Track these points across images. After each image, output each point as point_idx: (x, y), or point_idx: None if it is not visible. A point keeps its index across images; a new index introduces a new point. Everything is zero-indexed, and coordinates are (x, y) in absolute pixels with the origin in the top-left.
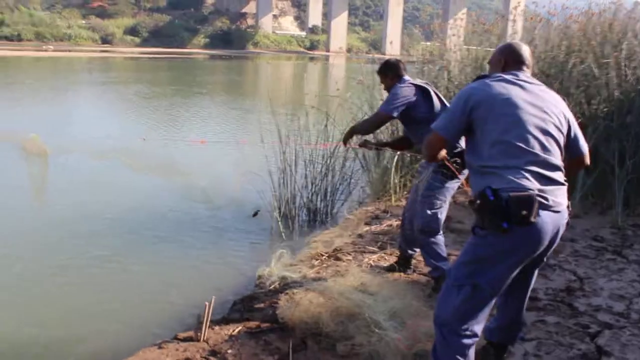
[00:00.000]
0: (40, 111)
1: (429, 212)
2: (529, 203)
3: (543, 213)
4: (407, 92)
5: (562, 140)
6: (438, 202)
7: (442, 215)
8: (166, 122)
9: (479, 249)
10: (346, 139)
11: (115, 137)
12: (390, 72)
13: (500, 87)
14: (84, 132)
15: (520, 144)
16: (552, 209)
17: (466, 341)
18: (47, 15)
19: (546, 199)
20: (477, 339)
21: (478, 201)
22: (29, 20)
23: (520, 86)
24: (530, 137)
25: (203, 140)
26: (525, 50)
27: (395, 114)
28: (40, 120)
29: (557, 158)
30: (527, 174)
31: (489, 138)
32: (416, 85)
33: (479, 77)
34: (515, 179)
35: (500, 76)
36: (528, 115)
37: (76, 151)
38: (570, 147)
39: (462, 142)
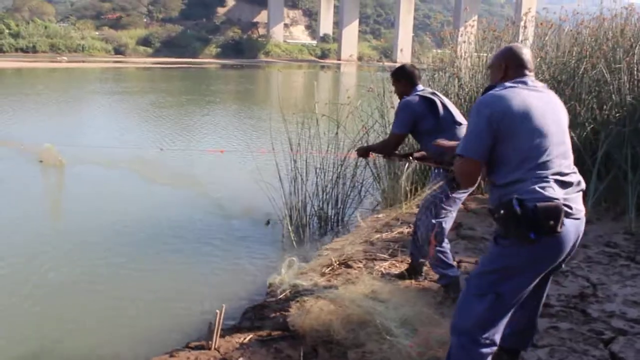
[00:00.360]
0: (56, 121)
1: (433, 220)
2: (556, 213)
3: (567, 221)
4: (413, 105)
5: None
6: (444, 211)
7: (447, 224)
8: (181, 131)
9: (503, 258)
10: (361, 155)
11: (132, 147)
12: (404, 78)
13: (517, 99)
14: (99, 141)
15: (543, 154)
16: (574, 216)
17: (486, 350)
18: (61, 27)
19: (570, 207)
20: (495, 347)
21: (502, 211)
22: (43, 32)
23: (534, 96)
24: (551, 146)
25: (222, 150)
26: (527, 54)
27: (405, 131)
28: (57, 130)
29: (572, 163)
30: (551, 183)
31: (511, 152)
32: (422, 97)
33: (487, 89)
34: (540, 189)
35: (511, 85)
36: (547, 125)
37: (92, 161)
38: None
39: None
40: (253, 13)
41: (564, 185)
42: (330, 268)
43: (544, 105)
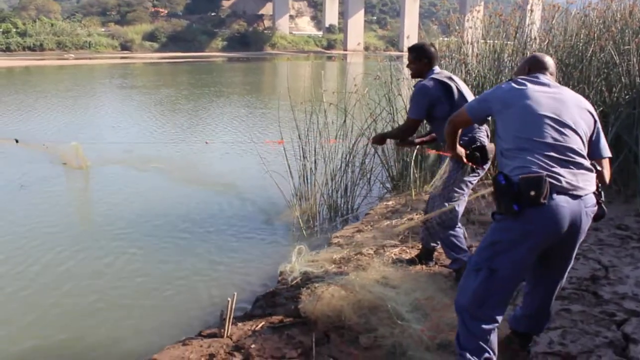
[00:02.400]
0: (75, 119)
1: (446, 204)
2: (537, 183)
3: (558, 197)
4: (429, 90)
5: (582, 131)
6: (456, 195)
7: (460, 208)
8: (200, 123)
9: (496, 233)
10: (376, 142)
11: (174, 142)
12: (426, 57)
13: (520, 86)
14: (120, 138)
15: (532, 131)
16: (570, 192)
17: (485, 326)
18: (67, 24)
19: (559, 180)
20: (496, 324)
21: (493, 187)
22: (50, 30)
23: (539, 84)
24: (543, 124)
25: (280, 141)
26: (549, 60)
27: (422, 116)
28: (77, 129)
29: (576, 145)
30: (539, 157)
31: (506, 127)
32: (438, 81)
33: (509, 81)
34: (526, 163)
35: (519, 78)
36: (544, 106)
37: (115, 160)
38: (591, 146)
39: (484, 136)
40: (258, 5)
41: (558, 161)
42: (340, 255)
43: (548, 92)
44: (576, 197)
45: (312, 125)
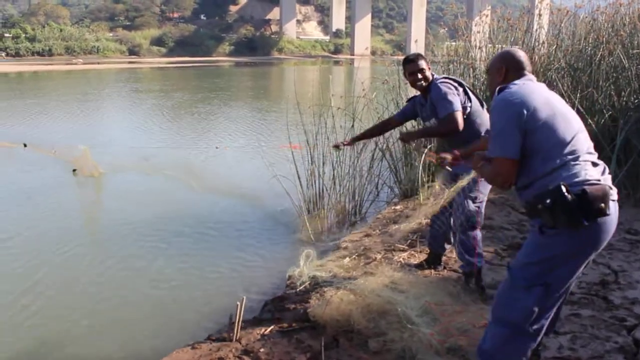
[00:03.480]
0: (84, 124)
1: (472, 205)
2: (604, 195)
3: (611, 204)
4: (451, 85)
5: None
6: (481, 195)
7: (483, 209)
8: (212, 128)
9: (550, 248)
10: (411, 138)
11: (167, 147)
12: (426, 62)
13: (536, 91)
14: (132, 142)
15: (573, 139)
16: (613, 198)
17: (533, 340)
18: (76, 29)
19: (611, 188)
20: (540, 337)
21: (548, 200)
22: (59, 35)
23: (545, 88)
24: (576, 131)
25: (295, 145)
26: (522, 55)
27: (460, 108)
28: (87, 133)
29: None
30: (589, 166)
31: (544, 141)
32: (453, 80)
33: (500, 90)
34: (582, 173)
35: (523, 82)
36: (566, 112)
37: (125, 164)
38: None
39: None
40: (265, 10)
41: (598, 167)
42: (349, 259)
43: (555, 96)
44: (614, 200)
45: (321, 129)
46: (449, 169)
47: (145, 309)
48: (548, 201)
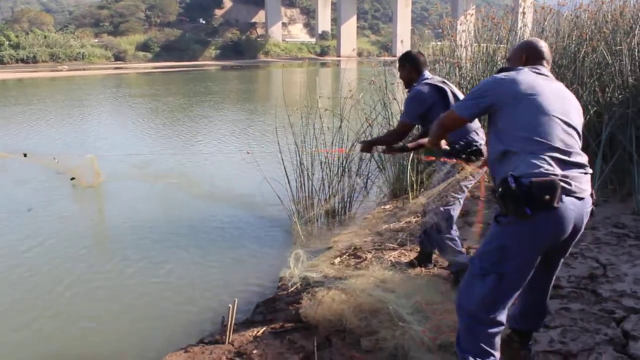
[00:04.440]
0: (79, 131)
1: (441, 208)
2: (552, 188)
3: (566, 199)
4: (423, 96)
5: (580, 131)
6: (452, 199)
7: (455, 212)
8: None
9: (503, 237)
10: (365, 150)
11: (164, 153)
12: (408, 63)
13: (525, 77)
14: (128, 149)
15: (543, 131)
16: (576, 195)
17: (492, 330)
18: (60, 36)
19: (569, 184)
20: (502, 327)
21: (500, 189)
22: (43, 42)
23: (542, 79)
24: (553, 124)
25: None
26: (545, 47)
27: (415, 121)
28: (83, 140)
29: (578, 145)
30: (549, 160)
31: (513, 124)
32: (433, 85)
33: (502, 70)
34: (537, 165)
35: (523, 68)
36: (551, 104)
37: (125, 173)
38: None
39: (479, 138)
40: (251, 13)
41: (565, 164)
42: (339, 260)
43: (551, 89)
44: (580, 198)
45: (309, 131)
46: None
47: (137, 313)
48: (500, 190)
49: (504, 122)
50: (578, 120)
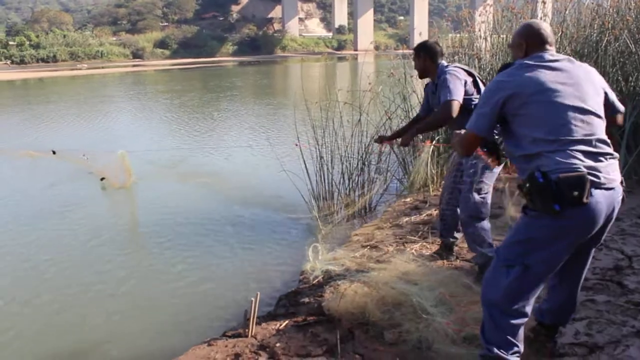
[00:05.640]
0: (104, 128)
1: (478, 197)
2: (581, 183)
3: (596, 192)
4: (461, 74)
5: (601, 111)
6: (486, 186)
7: (489, 200)
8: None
9: (531, 229)
10: (406, 144)
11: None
12: (423, 52)
13: (529, 74)
14: (158, 146)
15: (560, 127)
16: (605, 186)
17: (516, 321)
18: (79, 35)
19: (597, 176)
20: (526, 318)
21: (527, 184)
22: (62, 41)
23: (549, 67)
24: (570, 117)
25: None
26: (546, 28)
27: (461, 98)
28: (111, 138)
29: (601, 132)
30: (575, 153)
31: (528, 127)
32: (462, 69)
33: (503, 67)
34: (562, 160)
35: (525, 63)
36: (563, 95)
37: (156, 172)
38: (607, 110)
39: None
40: (267, 9)
41: (591, 155)
42: (361, 253)
43: (561, 78)
44: (610, 189)
45: (329, 124)
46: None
47: (161, 307)
48: (527, 185)
49: (518, 127)
50: (597, 99)
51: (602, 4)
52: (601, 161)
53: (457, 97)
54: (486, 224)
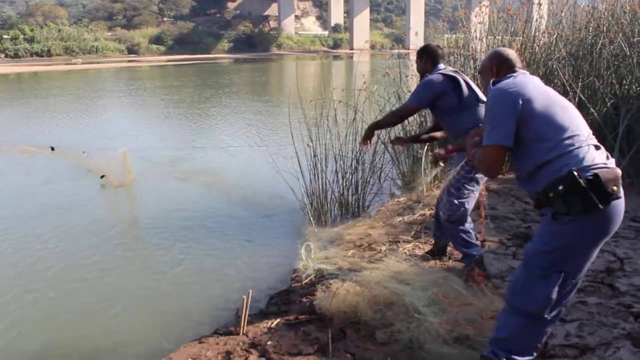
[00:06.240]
0: (101, 124)
1: (456, 201)
2: (616, 178)
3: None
4: (435, 84)
5: None
6: (466, 191)
7: (470, 205)
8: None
9: (567, 235)
10: (367, 137)
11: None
12: (426, 55)
13: (530, 81)
14: (157, 144)
15: (574, 126)
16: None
17: (549, 326)
18: (74, 29)
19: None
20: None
21: (560, 187)
22: (57, 35)
23: (538, 81)
24: (575, 118)
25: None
26: (512, 54)
27: (423, 105)
28: (110, 135)
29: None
30: (593, 151)
31: (545, 128)
32: (445, 75)
33: (493, 82)
34: (589, 157)
35: (512, 75)
36: (563, 103)
37: (155, 170)
38: None
39: None
40: (263, 6)
41: (601, 151)
42: (354, 252)
43: (549, 88)
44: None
45: (323, 123)
46: (441, 164)
47: (152, 305)
48: (560, 188)
49: (537, 129)
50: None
51: (598, 6)
52: (611, 158)
53: (413, 104)
54: (467, 225)
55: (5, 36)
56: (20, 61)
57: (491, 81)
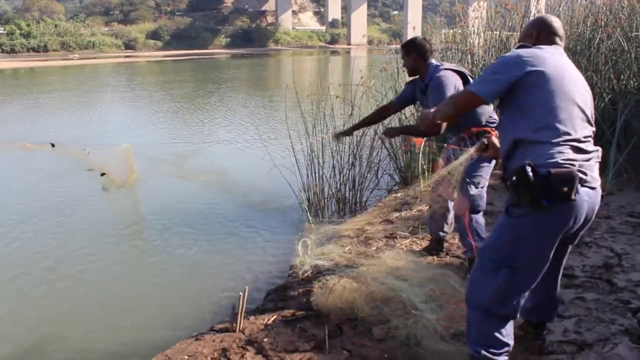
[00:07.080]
0: (99, 121)
1: (475, 190)
2: (570, 180)
3: (582, 189)
4: (450, 80)
5: (590, 112)
6: (483, 180)
7: (484, 194)
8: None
9: (516, 229)
10: (390, 135)
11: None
12: (414, 52)
13: (551, 57)
14: (160, 140)
15: (566, 118)
16: (589, 185)
17: (504, 323)
18: (71, 24)
19: (585, 174)
20: (515, 318)
21: (514, 177)
22: (54, 30)
23: (567, 60)
24: (575, 111)
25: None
26: (558, 23)
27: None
28: (111, 132)
29: (592, 133)
30: (569, 149)
31: (535, 107)
32: (453, 70)
33: (520, 46)
34: (556, 154)
35: (542, 47)
36: (573, 89)
37: (157, 168)
38: None
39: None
40: (261, 1)
41: (581, 152)
42: (350, 247)
43: (574, 71)
44: (593, 188)
45: (320, 118)
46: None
47: (148, 301)
48: (514, 178)
49: (525, 104)
50: (591, 107)
51: (596, 1)
52: (590, 160)
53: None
54: (480, 218)
55: (1, 31)
56: (17, 56)
57: (518, 44)
